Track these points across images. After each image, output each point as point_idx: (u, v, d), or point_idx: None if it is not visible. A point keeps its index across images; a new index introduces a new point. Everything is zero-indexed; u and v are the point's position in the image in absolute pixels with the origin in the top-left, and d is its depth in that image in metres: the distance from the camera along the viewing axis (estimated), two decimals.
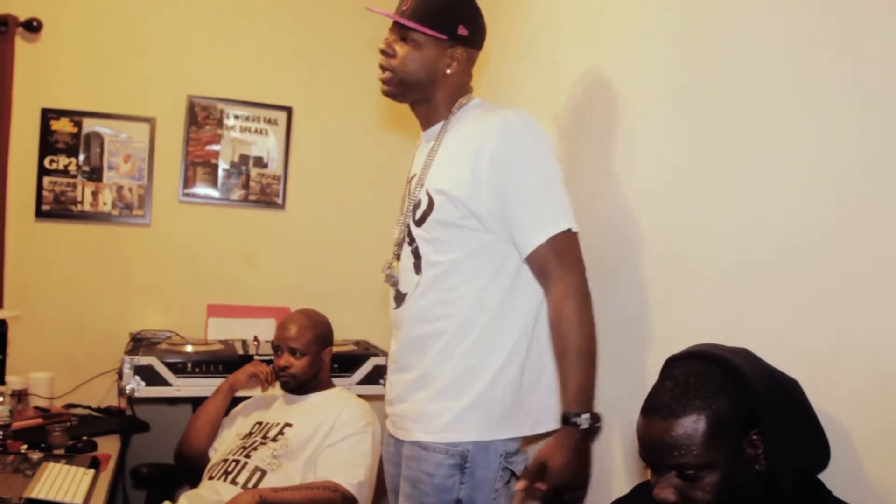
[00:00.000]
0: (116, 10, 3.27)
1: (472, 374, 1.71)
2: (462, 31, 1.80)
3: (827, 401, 1.23)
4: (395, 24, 1.81)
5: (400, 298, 1.84)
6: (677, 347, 1.29)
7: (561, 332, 1.66)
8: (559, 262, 1.66)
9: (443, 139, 1.82)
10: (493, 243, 1.72)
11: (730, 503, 1.13)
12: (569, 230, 1.67)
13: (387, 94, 1.86)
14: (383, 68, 1.82)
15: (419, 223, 1.77)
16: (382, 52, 1.81)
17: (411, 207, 1.81)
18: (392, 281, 1.85)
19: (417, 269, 1.78)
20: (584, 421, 1.61)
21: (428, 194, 1.76)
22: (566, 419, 1.62)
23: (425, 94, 1.84)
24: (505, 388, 1.72)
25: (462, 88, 1.86)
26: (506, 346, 1.72)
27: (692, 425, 1.12)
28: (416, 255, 1.79)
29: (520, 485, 1.63)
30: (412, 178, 1.89)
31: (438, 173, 1.77)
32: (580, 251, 1.71)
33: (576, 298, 1.65)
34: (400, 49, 1.79)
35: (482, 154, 1.67)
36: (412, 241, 1.80)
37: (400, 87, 1.83)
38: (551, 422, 1.76)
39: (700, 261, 1.59)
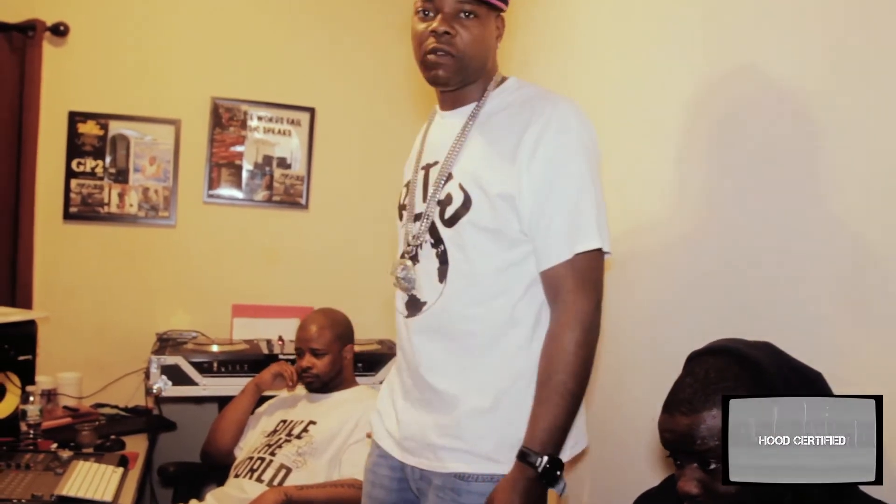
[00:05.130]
0: (141, 14, 3.31)
1: (508, 397, 1.49)
2: None
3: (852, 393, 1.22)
4: None
5: (416, 307, 1.58)
6: (699, 344, 1.29)
7: (551, 361, 1.43)
8: (575, 283, 1.44)
9: (474, 124, 1.56)
10: (531, 254, 1.49)
11: (753, 496, 1.13)
12: (599, 250, 1.45)
13: (442, 81, 1.55)
14: (442, 53, 1.50)
15: (449, 223, 1.52)
16: (440, 35, 1.49)
17: (436, 202, 1.55)
18: (406, 285, 1.59)
19: (442, 276, 1.54)
20: (542, 463, 1.39)
21: (462, 190, 1.50)
22: (524, 456, 1.41)
23: (478, 74, 1.56)
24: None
25: (497, 61, 1.62)
26: None
27: (713, 419, 1.13)
28: (443, 259, 1.53)
29: None
30: (431, 164, 1.62)
31: (476, 167, 1.51)
32: (602, 275, 1.48)
33: (580, 330, 1.43)
34: (461, 28, 1.49)
35: (528, 145, 1.45)
36: (438, 242, 1.54)
37: (460, 72, 1.53)
38: (584, 440, 1.60)
39: (721, 259, 1.59)
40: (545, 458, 1.39)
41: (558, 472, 1.41)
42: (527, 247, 1.49)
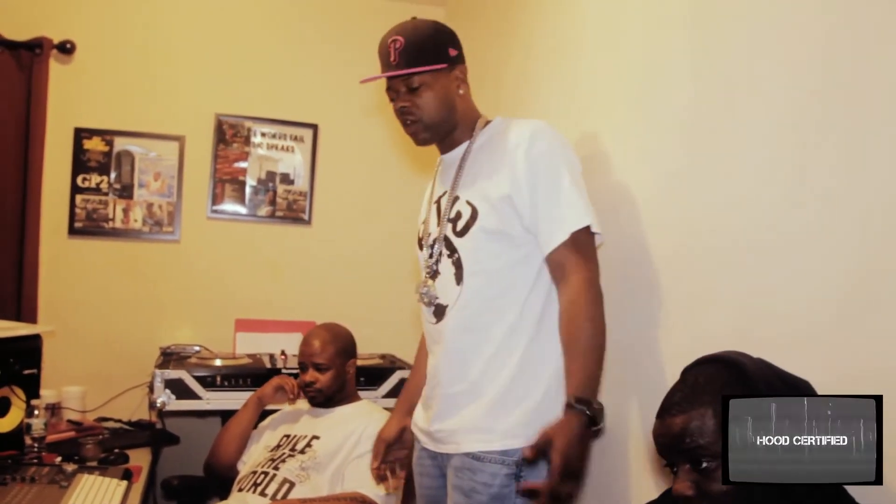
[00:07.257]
0: (146, 32, 3.36)
1: (525, 384, 1.73)
2: (452, 52, 1.86)
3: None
4: (397, 79, 1.84)
5: (440, 312, 1.83)
6: (699, 354, 1.31)
7: (574, 323, 1.67)
8: (577, 257, 1.70)
9: (469, 156, 1.86)
10: (533, 251, 1.75)
11: (746, 496, 1.15)
12: (588, 227, 1.71)
13: (423, 142, 1.89)
14: (410, 123, 1.85)
15: (462, 234, 1.79)
16: (401, 111, 1.84)
17: (448, 220, 1.83)
18: (428, 299, 1.85)
19: (458, 279, 1.79)
20: (590, 407, 1.57)
21: (469, 204, 1.79)
22: (571, 404, 1.58)
23: (453, 123, 1.87)
24: (560, 397, 1.66)
25: (472, 103, 1.93)
26: (553, 354, 1.72)
27: (701, 418, 1.17)
28: (458, 265, 1.79)
29: (528, 452, 1.56)
30: (440, 196, 1.91)
31: (476, 183, 1.80)
32: (596, 251, 1.75)
33: (592, 293, 1.68)
34: (416, 99, 1.82)
35: (517, 156, 1.73)
36: (452, 252, 1.81)
37: (432, 131, 1.86)
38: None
39: (717, 275, 1.61)
40: (591, 403, 1.58)
41: (601, 415, 1.60)
42: (529, 247, 1.75)
